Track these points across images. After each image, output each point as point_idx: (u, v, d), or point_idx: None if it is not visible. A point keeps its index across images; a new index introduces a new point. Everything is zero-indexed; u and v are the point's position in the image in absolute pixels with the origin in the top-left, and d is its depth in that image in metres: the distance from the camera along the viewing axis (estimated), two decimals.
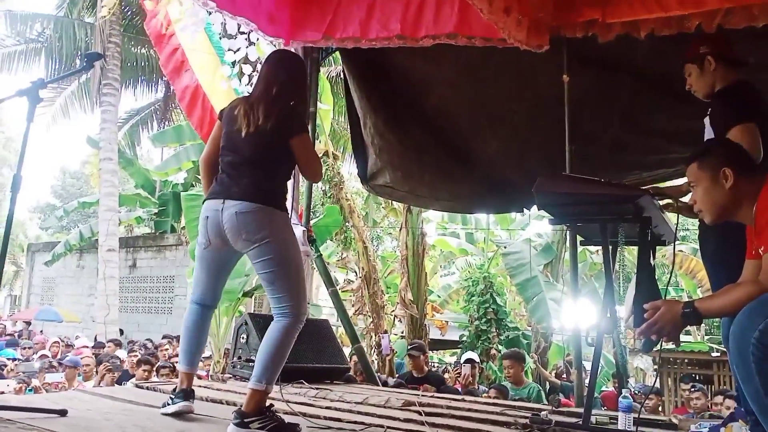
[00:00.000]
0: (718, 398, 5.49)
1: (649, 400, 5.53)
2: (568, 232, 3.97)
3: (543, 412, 2.94)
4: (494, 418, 2.93)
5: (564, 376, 7.16)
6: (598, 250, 14.26)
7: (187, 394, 2.67)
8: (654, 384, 7.14)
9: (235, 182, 2.51)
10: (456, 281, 16.17)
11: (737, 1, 2.83)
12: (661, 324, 1.99)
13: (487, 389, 5.89)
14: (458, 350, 10.44)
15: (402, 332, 8.77)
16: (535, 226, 13.51)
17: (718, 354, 7.90)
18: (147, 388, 3.53)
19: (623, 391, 2.70)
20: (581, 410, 3.08)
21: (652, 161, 4.44)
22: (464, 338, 10.35)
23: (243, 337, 4.05)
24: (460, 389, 5.66)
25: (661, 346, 2.37)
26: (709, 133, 2.48)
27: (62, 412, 2.47)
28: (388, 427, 2.59)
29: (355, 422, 2.68)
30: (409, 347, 5.60)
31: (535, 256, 9.68)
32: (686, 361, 8.52)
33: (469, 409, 3.15)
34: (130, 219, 17.40)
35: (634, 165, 4.45)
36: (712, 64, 2.58)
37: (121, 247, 14.05)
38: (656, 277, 2.75)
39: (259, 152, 2.51)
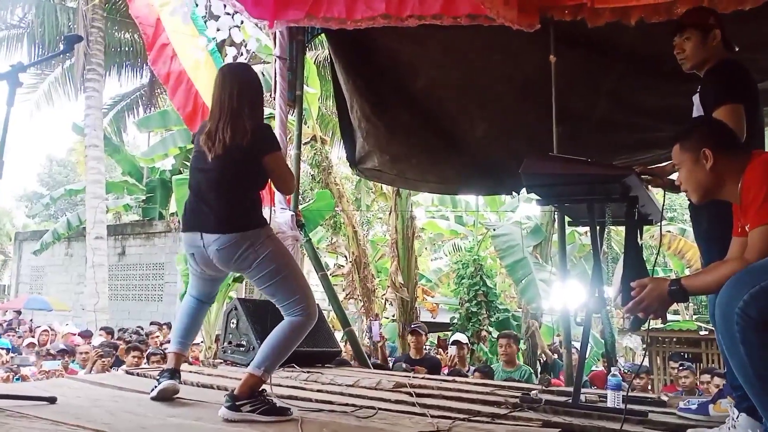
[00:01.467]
0: (706, 376, 5.56)
1: (639, 379, 5.59)
2: (556, 214, 3.97)
3: (533, 392, 2.96)
4: (484, 398, 2.95)
5: (556, 354, 7.23)
6: (586, 232, 14.33)
7: (173, 373, 2.69)
8: (642, 362, 7.22)
9: (206, 209, 2.48)
10: (446, 264, 16.24)
11: None
12: (648, 301, 2.01)
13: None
14: (449, 332, 10.50)
15: (393, 315, 8.80)
16: (524, 208, 13.56)
17: (707, 332, 7.99)
18: (137, 375, 3.52)
19: (612, 369, 2.72)
20: (571, 389, 3.12)
21: (639, 141, 4.44)
22: (455, 320, 10.41)
23: (233, 323, 4.05)
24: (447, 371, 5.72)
25: (648, 324, 2.40)
26: (698, 111, 2.47)
27: (51, 400, 2.46)
28: (380, 409, 2.60)
29: (347, 404, 2.69)
30: (413, 325, 5.67)
31: (524, 237, 9.72)
32: (675, 339, 8.61)
33: (459, 390, 3.18)
34: (117, 206, 17.27)
35: (621, 146, 4.45)
36: (716, 39, 2.51)
37: (109, 234, 13.96)
38: (644, 257, 2.76)
39: (230, 173, 2.46)
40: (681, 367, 6.29)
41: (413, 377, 3.77)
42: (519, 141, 4.59)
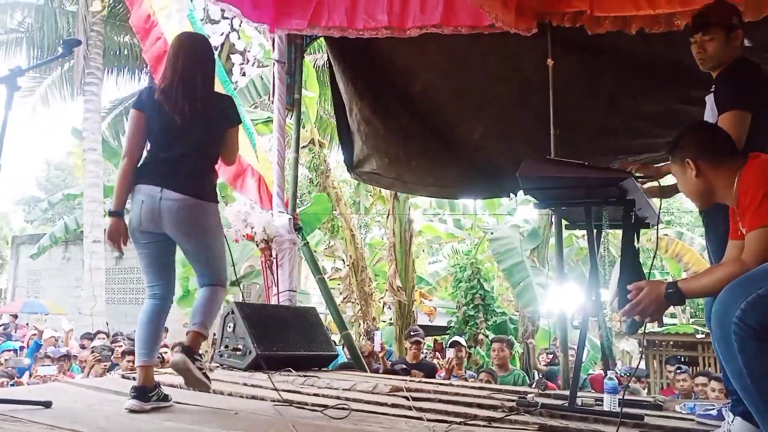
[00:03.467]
0: (701, 379, 5.54)
1: (640, 383, 5.58)
2: (553, 217, 3.97)
3: (530, 395, 2.96)
4: (480, 401, 2.95)
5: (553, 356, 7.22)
6: (584, 235, 14.35)
7: (140, 391, 2.59)
8: (638, 365, 7.22)
9: (175, 167, 2.52)
10: (443, 268, 16.20)
11: None
12: (645, 304, 2.01)
13: (475, 374, 5.93)
14: (446, 336, 10.50)
15: (390, 319, 8.79)
16: (522, 211, 13.56)
17: (703, 336, 7.98)
18: (133, 379, 3.50)
19: (608, 372, 2.72)
20: (567, 393, 3.12)
21: (636, 145, 4.45)
22: (452, 324, 10.40)
23: (230, 326, 4.04)
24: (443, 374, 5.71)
25: (645, 328, 2.39)
26: (711, 111, 2.42)
27: (47, 404, 2.45)
28: (376, 413, 2.60)
29: (342, 408, 2.68)
30: (413, 333, 5.68)
31: (522, 241, 9.72)
32: (671, 343, 8.60)
33: (456, 393, 3.17)
34: None
35: (619, 150, 4.45)
36: (739, 39, 2.44)
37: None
38: (640, 260, 2.77)
39: (203, 139, 2.54)
40: (678, 371, 6.28)
41: (410, 381, 3.77)
42: (517, 144, 4.59)
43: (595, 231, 2.84)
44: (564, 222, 3.34)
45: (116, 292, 15.74)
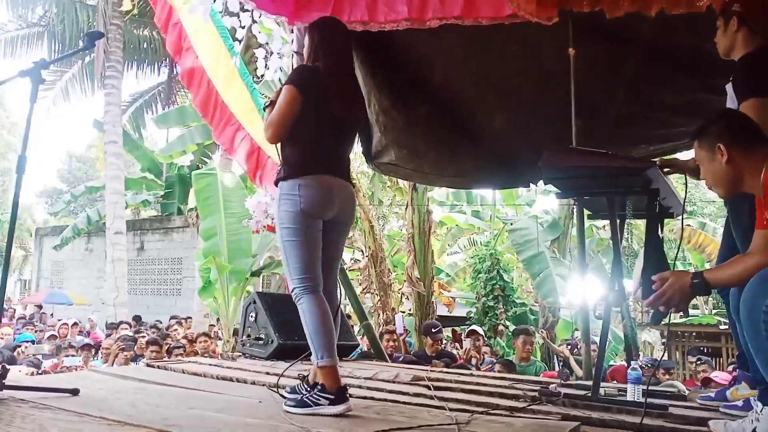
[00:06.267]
0: (730, 369, 5.47)
1: (668, 374, 5.52)
2: (575, 207, 3.93)
3: (552, 385, 2.95)
4: (502, 391, 2.95)
5: (575, 350, 7.17)
6: (605, 226, 14.21)
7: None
8: (661, 357, 7.15)
9: (341, 158, 2.62)
10: (462, 259, 16.18)
11: None
12: (670, 294, 1.99)
13: (493, 361, 5.92)
14: (465, 326, 10.51)
15: (409, 310, 8.81)
16: (541, 202, 13.48)
17: (726, 327, 7.89)
18: (158, 367, 3.57)
19: (632, 363, 2.71)
20: (590, 383, 3.10)
21: (657, 135, 4.39)
22: (471, 315, 10.39)
23: (252, 316, 4.08)
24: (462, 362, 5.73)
25: (669, 318, 2.38)
26: (731, 100, 2.42)
27: (74, 391, 2.49)
28: (398, 402, 2.62)
29: (364, 398, 2.70)
30: (433, 330, 5.70)
31: (542, 232, 9.66)
32: (694, 334, 8.49)
33: (477, 383, 3.18)
34: (136, 202, 17.45)
35: (639, 139, 4.40)
36: (735, 26, 2.48)
37: (128, 230, 14.10)
38: (664, 250, 2.74)
39: (348, 135, 2.67)
40: (698, 362, 6.21)
41: (431, 370, 3.78)
42: (537, 133, 4.55)
43: (618, 221, 2.83)
44: (586, 212, 3.31)
45: (138, 283, 15.94)
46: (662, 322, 3.37)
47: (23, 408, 2.23)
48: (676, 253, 3.05)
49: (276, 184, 2.53)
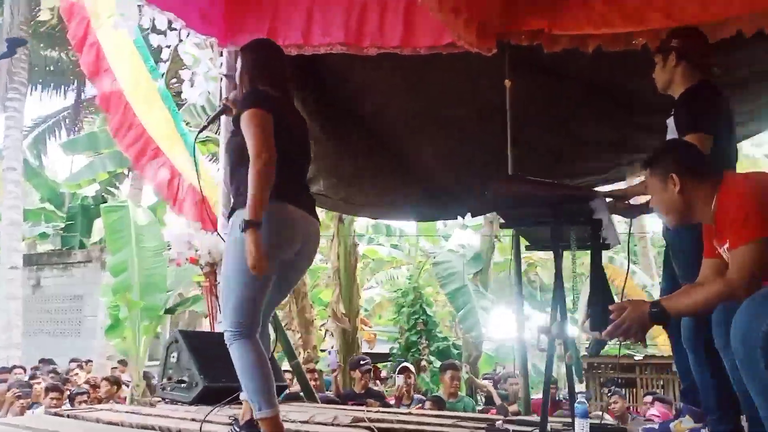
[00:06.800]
0: (648, 398, 5.61)
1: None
2: (511, 238, 3.94)
3: (498, 422, 2.87)
4: (449, 431, 2.83)
5: (497, 385, 7.20)
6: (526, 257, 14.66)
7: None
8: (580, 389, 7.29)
9: (302, 190, 2.44)
10: (378, 294, 16.11)
11: (681, 20, 2.87)
12: (629, 324, 1.97)
13: (423, 399, 5.81)
14: (387, 363, 10.36)
15: (332, 347, 8.57)
16: (458, 235, 13.67)
17: (641, 357, 8.19)
18: (68, 416, 3.18)
19: (578, 396, 2.67)
20: (530, 418, 3.06)
21: (588, 168, 4.55)
22: (394, 350, 10.27)
23: (173, 356, 3.76)
24: (392, 401, 5.61)
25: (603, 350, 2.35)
26: (672, 134, 2.48)
27: None
28: None
29: None
30: (361, 363, 5.57)
31: (464, 265, 9.75)
32: (610, 366, 8.75)
33: (420, 423, 3.04)
34: (33, 235, 16.16)
35: (574, 173, 4.53)
36: (673, 61, 2.52)
37: (23, 264, 12.99)
38: (608, 281, 2.75)
39: (306, 163, 2.54)
40: (609, 393, 6.33)
41: (367, 411, 3.60)
42: (472, 165, 4.59)
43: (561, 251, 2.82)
44: (524, 243, 3.30)
45: (32, 323, 14.62)
46: (600, 353, 3.42)
47: None
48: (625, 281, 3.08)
49: (229, 216, 2.32)
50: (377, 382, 8.40)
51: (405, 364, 6.35)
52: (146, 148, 5.36)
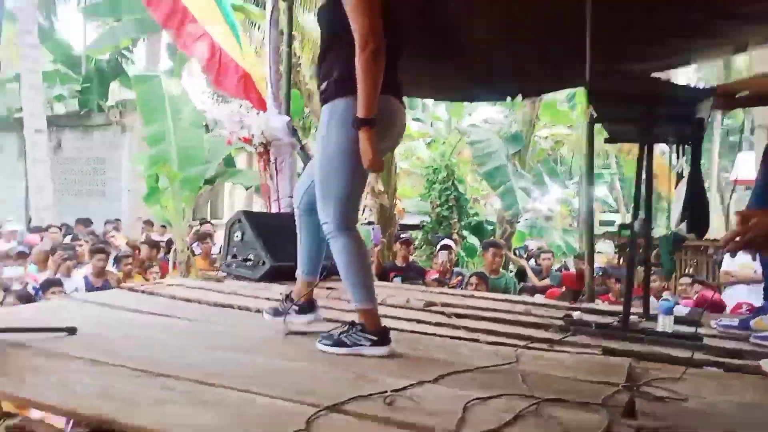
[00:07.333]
0: (686, 279, 5.64)
1: (615, 282, 5.69)
2: (587, 126, 3.75)
3: (576, 312, 2.91)
4: (524, 319, 2.88)
5: (532, 259, 7.37)
6: (547, 136, 14.43)
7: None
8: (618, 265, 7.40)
9: (397, 79, 2.21)
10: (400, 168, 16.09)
11: None
12: (753, 234, 1.89)
13: (461, 272, 5.95)
14: (420, 231, 10.52)
15: (371, 220, 8.70)
16: (483, 111, 13.37)
17: None
18: (142, 292, 3.25)
19: (665, 293, 2.67)
20: (612, 308, 3.10)
21: (657, 53, 4.27)
22: (425, 224, 10.42)
23: (237, 236, 3.80)
24: (437, 275, 5.74)
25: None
26: None
27: (71, 330, 2.21)
28: (427, 333, 2.49)
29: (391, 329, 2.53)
30: (402, 236, 5.66)
31: (502, 144, 9.59)
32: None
33: (488, 309, 3.08)
34: (50, 97, 15.86)
35: (648, 54, 4.24)
36: None
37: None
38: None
39: (403, 51, 2.22)
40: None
41: (432, 292, 3.69)
42: (531, 43, 4.31)
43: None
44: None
45: (58, 183, 14.78)
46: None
47: (26, 353, 1.93)
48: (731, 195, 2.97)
49: (324, 101, 2.17)
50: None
51: (446, 241, 6.46)
52: (184, 19, 5.09)
